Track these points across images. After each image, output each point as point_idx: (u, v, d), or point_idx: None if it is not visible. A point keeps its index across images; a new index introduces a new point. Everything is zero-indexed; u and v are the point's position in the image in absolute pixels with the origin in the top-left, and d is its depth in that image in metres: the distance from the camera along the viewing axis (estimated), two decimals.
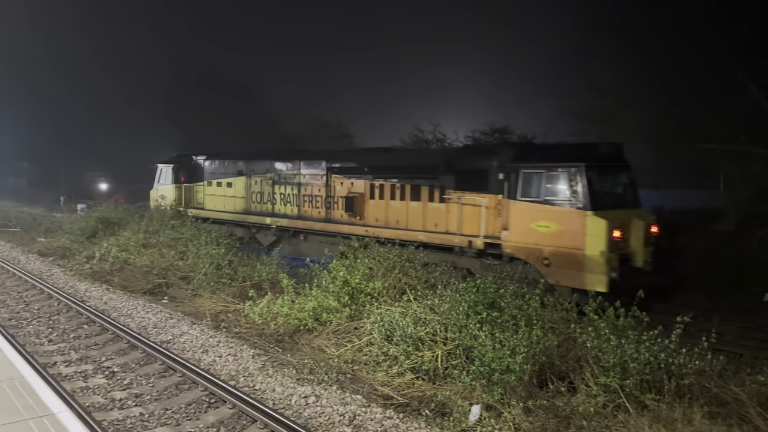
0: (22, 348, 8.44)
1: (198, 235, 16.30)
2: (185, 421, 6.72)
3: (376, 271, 10.80)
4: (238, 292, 12.51)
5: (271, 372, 8.16)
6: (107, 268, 15.16)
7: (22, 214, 30.97)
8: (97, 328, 10.42)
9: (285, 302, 10.12)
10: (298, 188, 17.36)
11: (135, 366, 8.55)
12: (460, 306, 8.10)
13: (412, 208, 13.84)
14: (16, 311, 11.65)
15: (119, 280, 14.33)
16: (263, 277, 13.07)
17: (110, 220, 19.64)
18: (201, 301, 12.11)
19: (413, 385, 7.51)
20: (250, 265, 14.14)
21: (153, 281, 13.91)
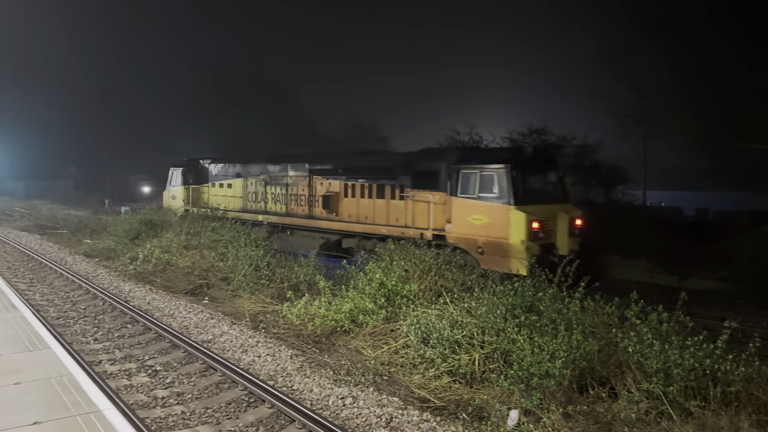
0: (69, 346, 8.74)
1: (237, 237, 16.60)
2: (225, 420, 6.83)
3: (412, 273, 10.80)
4: (276, 293, 12.68)
5: (308, 372, 8.24)
6: (150, 269, 15.56)
7: (69, 217, 32.06)
8: (141, 327, 10.69)
9: (322, 303, 10.20)
10: (285, 188, 19.24)
11: (177, 365, 8.75)
12: (497, 309, 8.03)
13: (378, 204, 15.55)
14: (64, 310, 12.05)
15: (162, 281, 14.68)
16: (300, 278, 13.23)
17: (153, 222, 20.20)
18: (240, 302, 12.31)
19: (450, 388, 7.48)
20: (288, 266, 14.32)
21: (194, 282, 14.20)
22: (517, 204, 12.21)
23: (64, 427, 4.32)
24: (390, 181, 15.27)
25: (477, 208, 12.93)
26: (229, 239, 16.62)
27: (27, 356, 5.93)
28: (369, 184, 16.00)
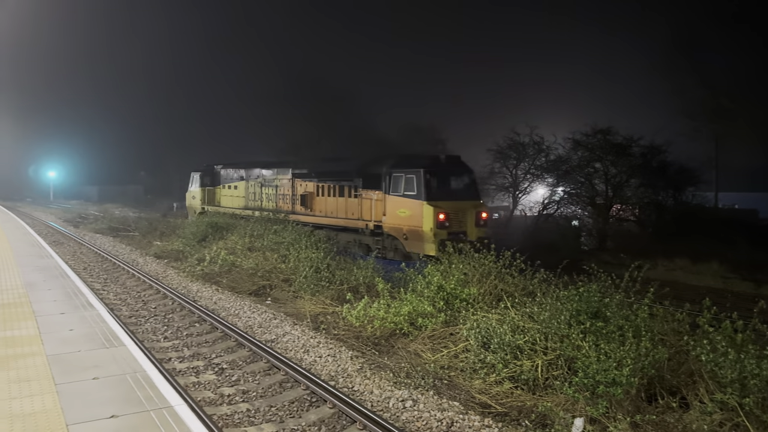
0: (141, 344, 9.15)
1: (298, 239, 16.93)
2: (288, 419, 6.98)
3: (471, 276, 10.71)
4: (336, 294, 12.85)
5: (368, 374, 8.30)
6: (216, 270, 16.08)
7: (140, 220, 33.56)
8: (207, 326, 11.06)
9: (381, 306, 10.26)
10: (275, 189, 23.30)
11: (242, 363, 9.00)
12: (561, 315, 7.85)
13: (339, 202, 19.17)
14: (136, 309, 12.62)
15: (227, 282, 15.14)
16: (359, 280, 13.36)
17: (219, 225, 20.89)
18: (302, 303, 12.54)
19: (512, 394, 7.36)
20: (347, 268, 14.49)
21: (258, 283, 14.58)
22: (428, 200, 15.72)
23: (139, 421, 4.53)
24: (348, 182, 18.83)
25: (402, 203, 16.55)
26: (291, 241, 16.98)
27: (103, 352, 6.25)
28: (333, 185, 19.69)
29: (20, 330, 7.01)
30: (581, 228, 27.42)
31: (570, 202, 28.98)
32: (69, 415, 4.55)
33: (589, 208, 27.83)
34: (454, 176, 17.14)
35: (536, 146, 30.37)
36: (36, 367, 5.68)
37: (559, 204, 29.51)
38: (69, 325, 7.31)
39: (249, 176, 25.76)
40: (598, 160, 27.32)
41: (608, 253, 22.45)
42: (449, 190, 16.66)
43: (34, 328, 7.11)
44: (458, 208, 16.15)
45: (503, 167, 31.85)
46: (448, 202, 15.99)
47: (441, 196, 16.05)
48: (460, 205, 16.26)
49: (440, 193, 16.23)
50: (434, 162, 16.92)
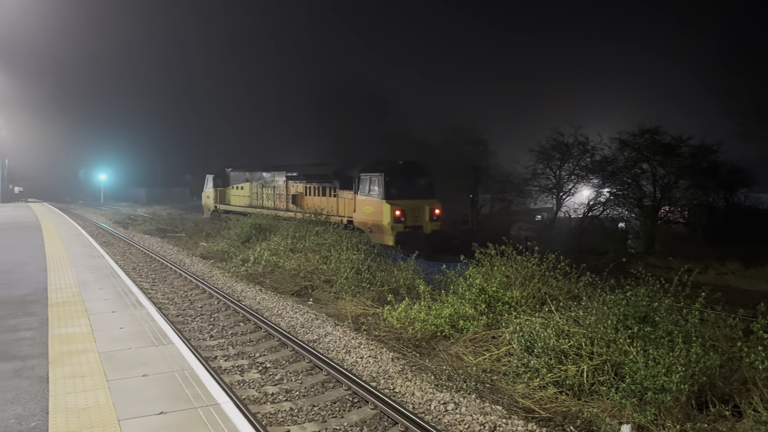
0: (188, 342, 9.38)
1: (339, 241, 17.07)
2: (331, 419, 7.03)
3: (513, 279, 10.58)
4: (377, 296, 12.89)
5: (409, 376, 8.29)
6: (260, 270, 16.35)
7: (186, 221, 34.42)
8: (251, 326, 11.26)
9: (422, 308, 10.24)
10: (273, 190, 27.16)
11: (285, 363, 9.12)
12: (607, 319, 7.67)
13: (323, 200, 23.08)
14: (183, 308, 12.95)
15: (270, 282, 15.38)
16: (400, 282, 13.37)
17: (262, 227, 21.24)
18: (343, 304, 12.62)
19: (556, 399, 7.23)
20: (388, 270, 14.52)
21: (300, 284, 14.75)
22: (386, 199, 19.09)
23: (187, 417, 4.64)
24: (328, 184, 22.66)
25: (368, 201, 20.00)
26: (332, 243, 17.13)
27: (153, 350, 6.43)
28: (318, 187, 23.55)
29: (74, 327, 7.28)
30: (628, 230, 26.73)
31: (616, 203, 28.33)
32: (120, 411, 4.70)
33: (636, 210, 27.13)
34: (411, 179, 20.38)
35: (581, 146, 29.81)
36: (89, 364, 5.89)
37: (605, 206, 28.88)
38: (120, 324, 7.55)
39: (252, 178, 29.74)
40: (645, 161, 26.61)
41: (656, 256, 21.82)
42: (406, 191, 19.83)
43: (86, 326, 7.37)
44: (414, 205, 19.55)
45: (546, 168, 31.38)
46: (404, 200, 19.38)
47: (398, 196, 19.47)
48: (415, 203, 19.63)
49: (398, 193, 19.58)
50: (393, 167, 20.29)
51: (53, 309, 8.23)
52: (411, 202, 19.43)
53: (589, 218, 29.20)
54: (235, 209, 30.77)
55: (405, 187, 19.89)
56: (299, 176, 25.05)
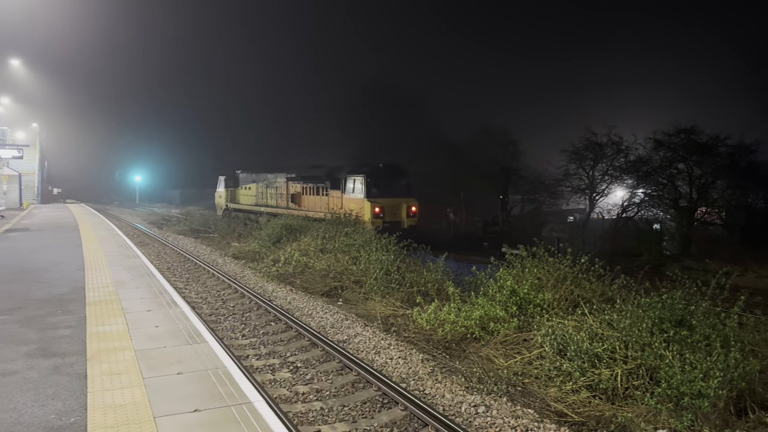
0: (221, 341, 9.52)
1: (369, 242, 17.10)
2: (361, 419, 7.06)
3: (545, 281, 10.45)
4: (406, 297, 12.88)
5: (439, 378, 8.27)
6: (290, 271, 16.50)
7: (219, 222, 34.95)
8: (282, 325, 11.36)
9: (452, 309, 10.19)
10: (276, 190, 29.76)
11: (315, 363, 9.18)
12: (642, 323, 7.52)
13: (316, 199, 25.82)
14: (215, 308, 13.14)
15: (300, 282, 15.50)
16: (429, 283, 13.34)
17: (293, 227, 21.44)
18: (372, 305, 12.65)
19: (589, 403, 7.12)
20: (417, 271, 14.50)
21: (329, 284, 14.84)
22: (367, 197, 21.74)
23: (220, 415, 4.71)
24: (321, 185, 25.28)
25: (353, 200, 22.55)
26: (361, 244, 17.17)
27: (187, 349, 6.55)
28: (312, 187, 26.21)
29: (111, 326, 7.46)
30: (663, 232, 26.15)
31: (651, 204, 27.75)
32: (156, 408, 4.79)
33: (671, 212, 26.53)
34: (391, 179, 22.77)
35: (614, 146, 29.30)
36: (126, 361, 6.03)
37: (640, 207, 28.31)
38: (155, 322, 7.71)
39: (258, 179, 32.53)
40: (681, 161, 26.02)
41: (692, 258, 21.30)
42: (385, 190, 22.28)
43: (123, 324, 7.55)
44: (392, 203, 22.12)
45: (579, 168, 30.93)
46: (384, 199, 21.92)
47: (378, 195, 22.00)
48: (393, 201, 22.17)
49: (378, 192, 22.09)
50: (374, 169, 22.79)
51: (91, 307, 8.45)
52: (389, 200, 22.13)
53: (623, 219, 28.66)
54: (243, 208, 34.26)
55: (384, 187, 22.46)
56: (297, 177, 27.93)
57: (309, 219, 23.59)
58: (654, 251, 23.36)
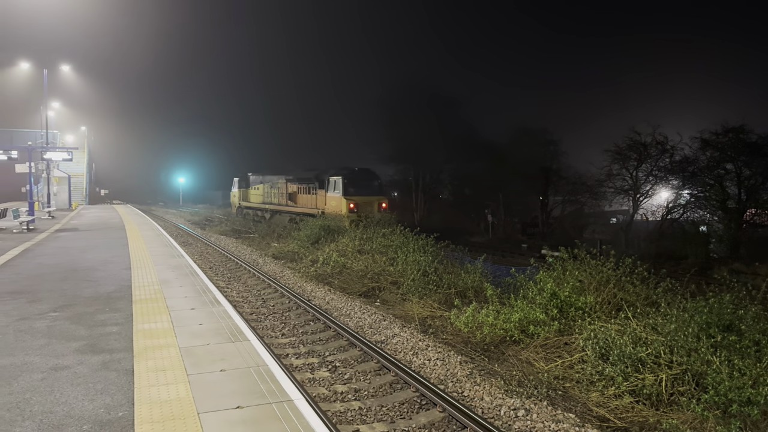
0: (262, 339, 9.68)
1: (406, 242, 17.11)
2: (399, 420, 7.07)
3: (587, 284, 10.26)
4: (444, 298, 12.84)
5: (478, 380, 8.21)
6: (328, 271, 16.64)
7: (259, 223, 35.52)
8: (321, 325, 11.47)
9: (490, 312, 10.11)
10: (277, 190, 34.89)
11: (354, 362, 9.24)
12: (688, 327, 7.32)
13: (307, 197, 30.49)
14: (256, 307, 13.37)
15: (338, 283, 15.62)
16: (467, 285, 13.26)
17: (331, 228, 21.62)
18: (410, 306, 12.65)
19: (633, 409, 6.97)
20: (455, 273, 14.44)
21: (367, 285, 14.91)
22: (344, 195, 26.07)
23: (262, 412, 4.79)
24: (311, 185, 29.89)
25: (333, 197, 26.97)
26: (399, 245, 17.20)
27: (230, 346, 6.68)
28: (305, 187, 30.94)
29: (156, 323, 7.67)
30: (710, 234, 25.35)
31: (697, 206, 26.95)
32: (200, 404, 4.91)
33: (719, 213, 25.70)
34: (365, 181, 27.44)
35: (659, 146, 28.57)
36: (170, 358, 6.19)
37: (686, 208, 27.52)
38: (198, 320, 7.89)
39: (265, 181, 37.92)
40: (729, 161, 25.19)
41: (741, 261, 20.57)
42: (360, 189, 26.69)
43: (168, 322, 7.75)
44: (366, 200, 26.48)
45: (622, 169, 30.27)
46: (358, 196, 26.32)
47: (353, 193, 26.41)
48: (366, 198, 26.56)
49: (353, 191, 26.48)
50: (351, 172, 27.51)
51: (137, 305, 8.70)
52: (363, 198, 26.54)
53: (668, 221, 27.90)
54: (253, 205, 40.18)
55: (359, 186, 26.87)
56: (294, 179, 32.94)
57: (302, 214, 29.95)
58: (700, 254, 22.68)
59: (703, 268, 20.33)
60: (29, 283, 10.42)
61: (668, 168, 28.84)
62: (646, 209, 30.55)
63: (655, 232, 28.07)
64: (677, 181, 28.47)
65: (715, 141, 25.65)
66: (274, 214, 35.11)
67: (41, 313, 8.11)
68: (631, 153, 29.88)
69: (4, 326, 7.38)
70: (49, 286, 10.22)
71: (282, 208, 33.50)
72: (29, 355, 6.23)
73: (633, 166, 30.02)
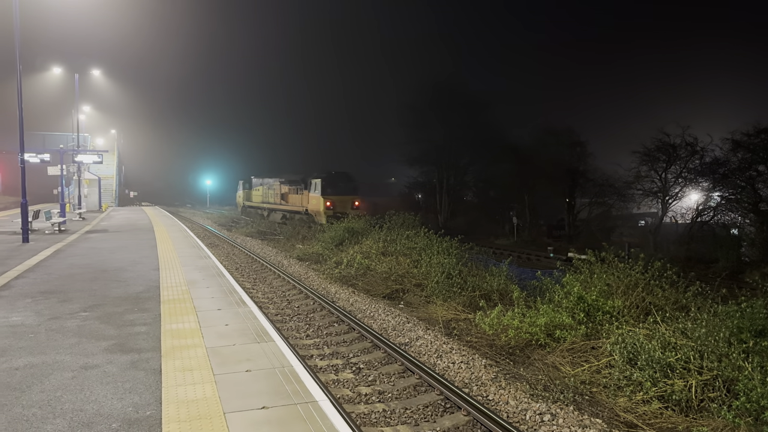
0: (287, 340, 9.74)
1: (430, 245, 17.07)
2: (423, 423, 7.05)
3: (615, 288, 10.11)
4: (468, 301, 12.77)
5: (503, 384, 8.14)
6: (352, 273, 16.69)
7: (284, 225, 35.81)
8: (345, 327, 11.51)
9: (516, 315, 10.02)
10: (273, 190, 40.46)
11: (377, 364, 9.25)
12: (719, 332, 7.16)
13: (296, 197, 35.68)
14: (281, 308, 13.46)
15: (362, 285, 15.65)
16: (492, 288, 13.17)
17: (355, 230, 21.67)
18: (433, 308, 12.62)
19: (661, 415, 6.83)
20: (479, 275, 14.35)
21: (391, 287, 14.91)
22: (322, 195, 30.97)
23: (287, 413, 4.82)
24: (299, 186, 35.24)
25: (314, 197, 32.04)
26: (423, 247, 17.17)
27: (255, 347, 6.74)
28: (294, 188, 36.37)
29: (184, 323, 7.77)
30: (742, 237, 24.78)
31: (728, 208, 26.35)
32: (226, 404, 4.96)
33: (751, 216, 25.09)
34: (341, 182, 32.35)
35: (689, 147, 28.04)
36: (197, 358, 6.27)
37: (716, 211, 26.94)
38: (225, 321, 7.98)
39: (264, 183, 43.80)
40: (762, 162, 24.59)
41: None
42: (336, 190, 31.79)
43: (195, 322, 7.85)
44: (341, 199, 31.46)
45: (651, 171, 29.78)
46: (334, 196, 31.43)
47: (331, 193, 31.50)
48: (341, 198, 31.56)
49: (331, 191, 31.58)
50: (329, 175, 32.48)
51: (165, 306, 8.84)
52: (339, 197, 31.62)
53: (698, 224, 27.34)
54: (254, 205, 46.48)
55: (335, 187, 31.94)
56: (285, 181, 38.71)
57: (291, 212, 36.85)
58: (732, 257, 22.17)
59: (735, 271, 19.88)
60: (60, 283, 10.66)
61: (698, 170, 28.29)
62: (675, 211, 30.00)
63: (684, 235, 27.53)
64: (707, 183, 27.90)
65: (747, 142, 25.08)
66: (270, 212, 41.75)
67: (72, 313, 8.29)
68: (659, 154, 29.37)
69: (36, 325, 7.56)
70: (79, 286, 10.44)
71: (276, 207, 40.13)
72: (60, 353, 6.37)
73: (662, 167, 29.51)
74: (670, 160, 29.10)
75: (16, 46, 17.37)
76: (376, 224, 22.26)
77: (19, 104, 17.77)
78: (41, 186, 49.00)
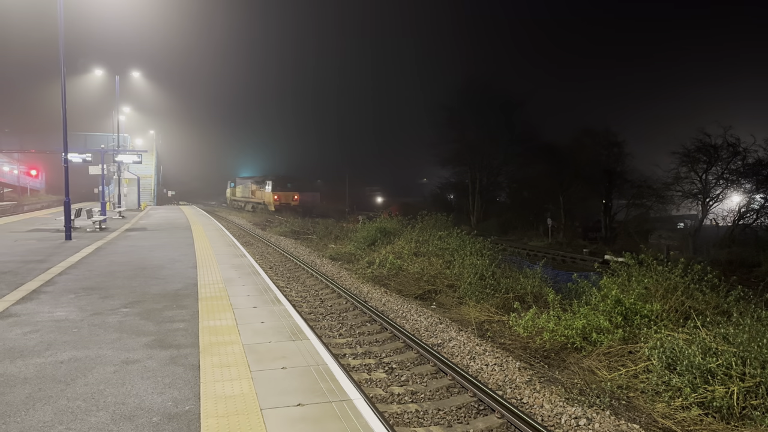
0: (320, 339, 9.84)
1: (463, 245, 17.00)
2: (456, 424, 7.03)
3: (653, 291, 9.91)
4: (501, 303, 12.67)
5: (538, 387, 8.06)
6: (385, 273, 16.73)
7: (317, 224, 36.10)
8: (377, 326, 11.55)
9: (551, 317, 9.91)
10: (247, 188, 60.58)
11: (410, 365, 9.25)
12: (763, 338, 6.95)
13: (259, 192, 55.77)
14: (314, 306, 13.59)
15: (395, 285, 15.67)
16: (526, 290, 13.04)
17: (387, 230, 21.72)
18: (466, 310, 12.56)
19: (701, 421, 6.67)
20: (513, 277, 14.23)
21: (423, 287, 14.89)
22: (273, 191, 51.18)
23: (322, 411, 4.87)
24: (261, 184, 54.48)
25: (267, 193, 52.66)
26: (455, 248, 17.10)
27: (290, 345, 6.83)
28: (258, 186, 55.76)
29: (221, 321, 7.93)
30: None
31: None
32: (263, 401, 5.05)
33: None
34: (287, 182, 50.72)
35: (731, 148, 27.28)
36: (234, 355, 6.39)
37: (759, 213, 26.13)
38: (260, 318, 8.10)
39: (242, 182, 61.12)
40: None
41: None
42: (282, 188, 50.32)
43: (231, 320, 8.00)
44: (285, 195, 50.06)
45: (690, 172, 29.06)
46: (280, 192, 49.99)
47: (278, 190, 50.20)
48: (286, 193, 50.14)
49: (278, 188, 50.27)
50: (278, 177, 51.21)
51: (203, 303, 9.02)
52: (283, 193, 49.56)
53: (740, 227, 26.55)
54: (236, 199, 64.67)
55: (282, 186, 50.09)
56: (253, 182, 55.76)
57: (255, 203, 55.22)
58: None
59: None
60: (102, 280, 10.98)
61: (740, 171, 27.48)
62: (715, 214, 29.21)
63: (725, 237, 26.77)
64: (750, 185, 27.08)
65: None
66: (245, 203, 59.86)
67: (113, 309, 8.53)
68: (700, 155, 28.64)
69: (79, 320, 7.81)
70: (119, 282, 10.74)
71: (249, 200, 58.46)
72: (102, 348, 6.57)
73: (702, 169, 28.76)
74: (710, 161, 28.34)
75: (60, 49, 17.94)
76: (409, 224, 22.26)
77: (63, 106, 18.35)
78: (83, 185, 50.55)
